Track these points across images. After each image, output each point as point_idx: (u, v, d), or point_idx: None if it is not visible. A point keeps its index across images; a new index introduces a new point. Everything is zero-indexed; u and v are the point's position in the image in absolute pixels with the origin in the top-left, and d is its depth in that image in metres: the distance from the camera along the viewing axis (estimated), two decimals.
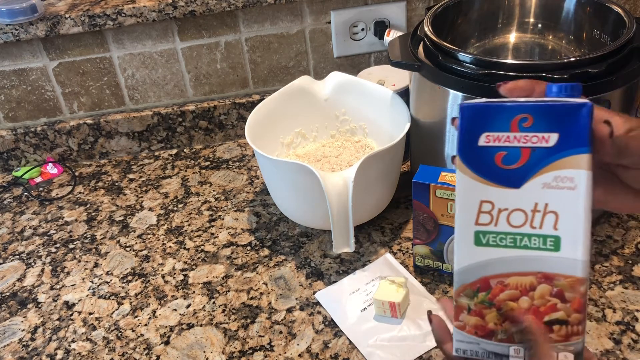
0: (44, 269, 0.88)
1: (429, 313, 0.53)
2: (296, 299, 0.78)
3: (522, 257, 0.46)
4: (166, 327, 0.76)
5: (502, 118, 0.45)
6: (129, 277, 0.85)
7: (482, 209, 0.47)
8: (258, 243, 0.88)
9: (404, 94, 0.92)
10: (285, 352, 0.71)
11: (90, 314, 0.80)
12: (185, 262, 0.86)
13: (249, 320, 0.76)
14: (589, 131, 0.43)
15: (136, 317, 0.78)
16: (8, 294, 0.84)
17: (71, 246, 0.92)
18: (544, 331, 0.46)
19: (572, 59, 0.69)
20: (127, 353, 0.73)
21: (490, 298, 0.48)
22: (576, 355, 0.46)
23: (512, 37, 0.91)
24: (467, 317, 0.49)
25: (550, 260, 0.45)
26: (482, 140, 0.46)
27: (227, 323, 0.76)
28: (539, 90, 0.46)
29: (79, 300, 0.82)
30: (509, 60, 0.81)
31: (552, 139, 0.44)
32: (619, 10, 0.77)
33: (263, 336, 0.73)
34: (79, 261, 0.89)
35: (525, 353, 0.47)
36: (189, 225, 0.93)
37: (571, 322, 0.46)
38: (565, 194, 0.44)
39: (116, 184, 1.05)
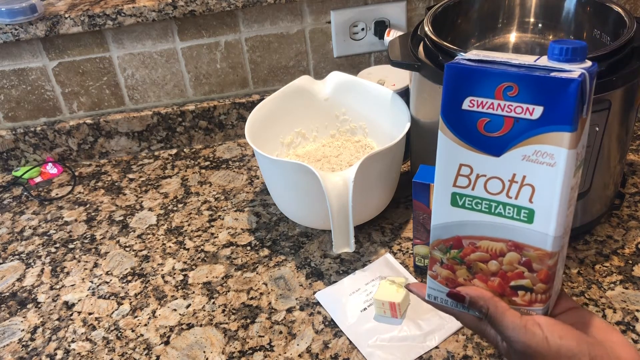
0: (43, 269, 0.88)
1: (406, 286, 0.56)
2: (296, 299, 0.78)
3: (495, 224, 0.47)
4: (166, 327, 0.76)
5: (487, 84, 0.44)
6: (129, 277, 0.85)
7: (461, 172, 0.47)
8: (258, 243, 0.88)
9: (404, 94, 0.92)
10: (285, 352, 0.71)
11: (90, 314, 0.80)
12: (185, 262, 0.86)
13: (248, 321, 0.75)
14: (575, 109, 0.41)
15: (136, 317, 0.78)
16: (8, 294, 0.84)
17: (71, 246, 0.92)
18: (493, 295, 0.48)
19: None
20: (126, 353, 0.73)
21: (462, 256, 0.49)
22: None
23: (512, 37, 0.91)
24: (439, 269, 0.51)
25: (522, 230, 0.46)
26: (466, 104, 0.45)
27: (227, 323, 0.75)
28: None
29: (79, 300, 0.82)
30: None
31: (537, 111, 0.43)
32: (619, 10, 0.77)
33: (263, 336, 0.73)
34: (79, 261, 0.89)
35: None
36: (188, 225, 0.93)
37: (536, 290, 0.47)
38: (544, 169, 0.43)
39: (116, 184, 1.05)
